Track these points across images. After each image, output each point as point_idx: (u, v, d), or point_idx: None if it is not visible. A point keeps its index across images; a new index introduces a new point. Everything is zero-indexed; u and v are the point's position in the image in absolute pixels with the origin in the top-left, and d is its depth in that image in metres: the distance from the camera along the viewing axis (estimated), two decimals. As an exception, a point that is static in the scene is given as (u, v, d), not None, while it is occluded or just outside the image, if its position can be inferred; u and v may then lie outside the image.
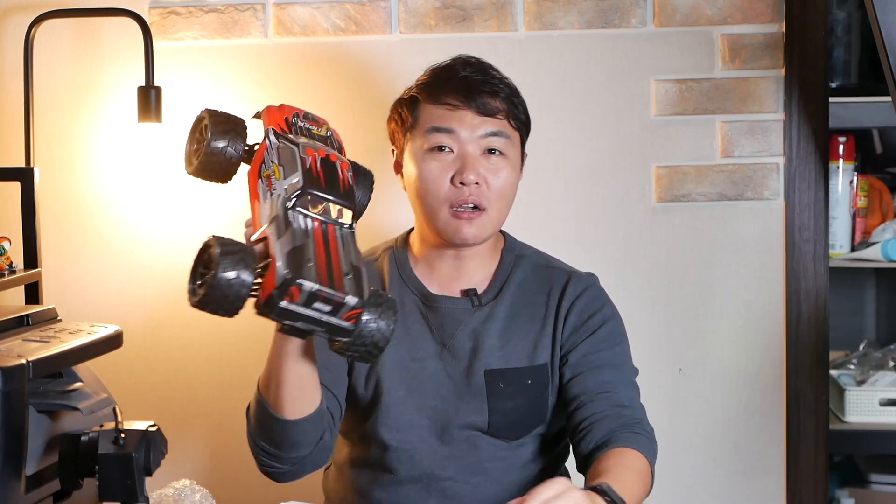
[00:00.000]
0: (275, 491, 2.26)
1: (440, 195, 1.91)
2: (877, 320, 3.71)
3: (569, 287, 1.99)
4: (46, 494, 1.65)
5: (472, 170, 1.90)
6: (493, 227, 1.94)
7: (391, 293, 1.97)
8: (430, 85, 1.95)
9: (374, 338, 1.58)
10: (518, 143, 1.97)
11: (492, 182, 1.91)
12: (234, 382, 2.59)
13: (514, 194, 1.97)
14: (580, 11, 2.53)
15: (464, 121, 1.91)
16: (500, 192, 1.93)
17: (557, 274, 2.01)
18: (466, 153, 1.91)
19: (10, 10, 2.57)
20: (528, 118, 1.99)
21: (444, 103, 1.92)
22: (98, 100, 2.57)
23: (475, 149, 1.91)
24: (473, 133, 1.91)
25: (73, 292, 2.57)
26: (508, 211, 1.98)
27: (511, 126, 1.94)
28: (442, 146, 1.91)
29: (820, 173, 2.53)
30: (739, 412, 2.55)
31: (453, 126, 1.91)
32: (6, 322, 1.77)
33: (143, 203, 2.57)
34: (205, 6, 2.56)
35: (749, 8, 2.51)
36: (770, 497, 2.55)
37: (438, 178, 1.91)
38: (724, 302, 2.55)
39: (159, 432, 1.67)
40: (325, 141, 1.67)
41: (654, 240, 2.55)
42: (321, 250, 1.53)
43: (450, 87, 1.93)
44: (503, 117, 1.93)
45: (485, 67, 1.97)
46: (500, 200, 1.93)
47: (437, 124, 1.92)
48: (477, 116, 1.91)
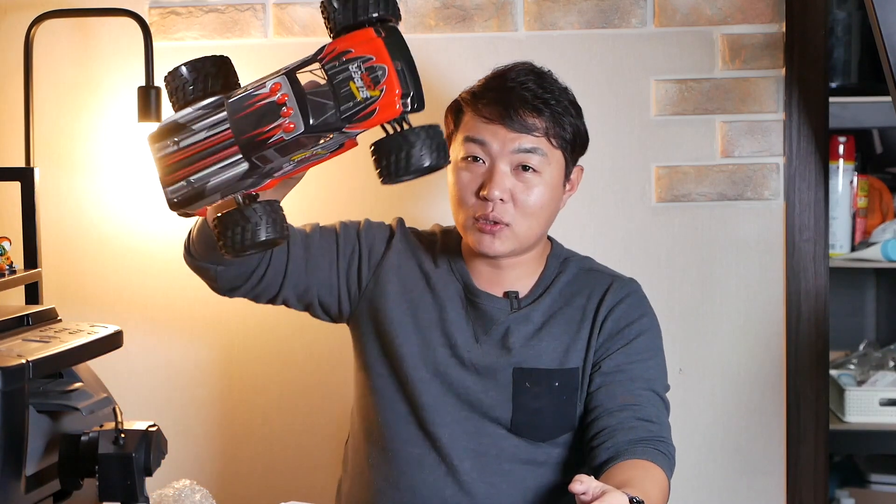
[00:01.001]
0: (275, 491, 2.26)
1: (466, 203, 1.92)
2: (877, 320, 3.71)
3: (609, 293, 1.98)
4: (46, 494, 1.65)
5: (497, 186, 1.89)
6: (520, 242, 1.94)
7: (438, 279, 2.00)
8: (476, 93, 1.95)
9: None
10: (559, 161, 1.94)
11: (521, 199, 1.91)
12: (234, 382, 2.59)
13: (549, 212, 1.95)
14: (580, 11, 2.53)
15: (497, 135, 1.90)
16: (530, 210, 1.91)
17: (599, 278, 2.01)
18: (496, 168, 1.90)
19: (10, 10, 2.57)
20: (577, 135, 1.96)
21: (482, 115, 1.91)
22: (98, 100, 2.57)
23: (506, 164, 1.90)
24: (505, 148, 1.90)
25: (73, 292, 2.57)
26: (545, 227, 1.97)
27: (551, 144, 1.92)
28: (476, 157, 1.91)
29: (820, 173, 2.53)
30: (739, 412, 2.55)
31: (486, 138, 1.91)
32: (6, 322, 1.77)
33: (144, 203, 2.57)
34: (205, 6, 2.56)
35: (749, 8, 2.51)
36: (770, 497, 2.55)
37: (466, 189, 1.92)
38: (724, 302, 2.55)
39: (159, 432, 1.67)
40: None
41: (654, 240, 2.55)
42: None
43: (491, 97, 1.92)
44: (540, 135, 1.91)
45: (541, 78, 1.94)
46: (528, 218, 1.92)
47: (471, 134, 1.92)
48: (511, 132, 1.90)
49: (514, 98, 1.90)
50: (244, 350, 2.58)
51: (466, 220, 1.93)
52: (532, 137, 1.90)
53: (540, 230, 1.96)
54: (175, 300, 2.59)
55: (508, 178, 1.90)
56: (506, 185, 1.89)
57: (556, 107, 1.92)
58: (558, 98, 1.93)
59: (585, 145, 2.01)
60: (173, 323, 2.59)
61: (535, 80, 1.93)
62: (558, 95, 1.94)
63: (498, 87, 1.93)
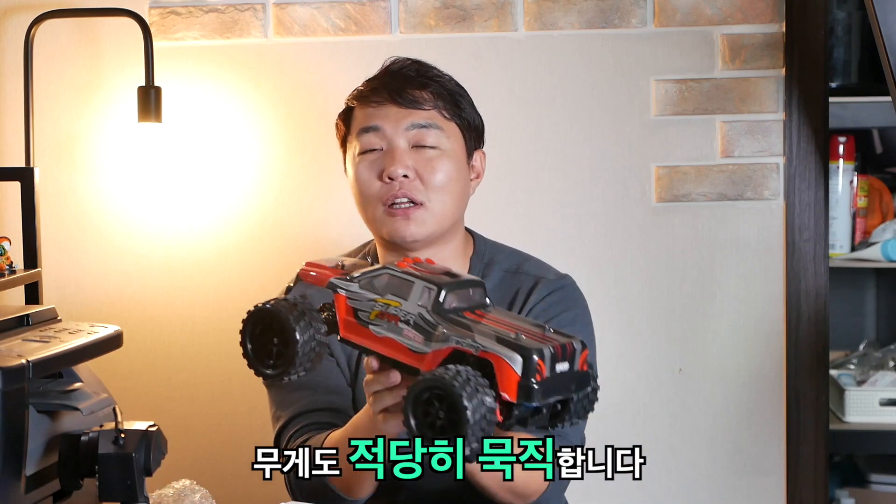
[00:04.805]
0: (275, 491, 2.25)
1: (372, 194, 1.86)
2: (877, 320, 3.71)
3: (534, 293, 1.92)
4: (46, 494, 1.65)
5: (397, 162, 1.84)
6: (436, 222, 1.87)
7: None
8: (361, 90, 1.92)
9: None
10: (457, 136, 1.91)
11: (426, 175, 1.85)
12: (234, 382, 2.59)
13: (459, 188, 1.90)
14: (580, 11, 2.53)
15: (388, 116, 1.87)
16: (439, 186, 1.86)
17: (524, 280, 1.94)
18: (394, 147, 1.86)
19: (10, 10, 2.57)
20: (470, 114, 1.93)
21: (371, 102, 1.88)
22: (98, 100, 2.57)
23: (403, 142, 1.86)
24: (398, 126, 1.86)
25: (73, 292, 2.57)
26: (459, 207, 1.91)
27: (444, 117, 1.89)
28: (373, 148, 1.87)
29: (820, 173, 2.53)
30: (739, 412, 2.55)
31: (378, 123, 1.87)
32: (6, 322, 1.77)
33: (143, 203, 2.57)
34: (205, 6, 2.56)
35: (749, 8, 2.51)
36: (770, 497, 2.55)
37: (369, 179, 1.86)
38: (724, 302, 2.55)
39: (159, 432, 1.67)
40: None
41: (654, 240, 2.55)
42: (502, 324, 1.46)
43: (376, 84, 1.90)
44: (431, 107, 1.88)
45: (421, 64, 1.93)
46: (440, 194, 1.86)
47: (364, 125, 1.88)
48: (402, 109, 1.86)
49: (399, 78, 1.89)
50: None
51: (375, 210, 1.87)
52: (423, 112, 1.87)
53: (455, 209, 1.90)
54: (175, 300, 2.59)
55: (409, 155, 1.86)
56: (407, 162, 1.85)
57: (441, 81, 1.91)
58: (441, 76, 1.92)
59: (481, 128, 1.96)
60: (173, 323, 2.59)
61: (416, 65, 1.92)
62: (440, 75, 1.93)
63: (381, 76, 1.91)
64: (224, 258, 2.58)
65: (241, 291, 2.57)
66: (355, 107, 1.92)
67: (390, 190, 1.85)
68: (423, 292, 1.48)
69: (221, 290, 2.59)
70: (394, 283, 1.51)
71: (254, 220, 2.58)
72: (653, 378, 2.55)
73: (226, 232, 2.58)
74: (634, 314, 2.55)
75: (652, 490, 2.54)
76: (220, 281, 2.59)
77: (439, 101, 1.89)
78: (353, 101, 1.92)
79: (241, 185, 2.58)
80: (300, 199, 2.58)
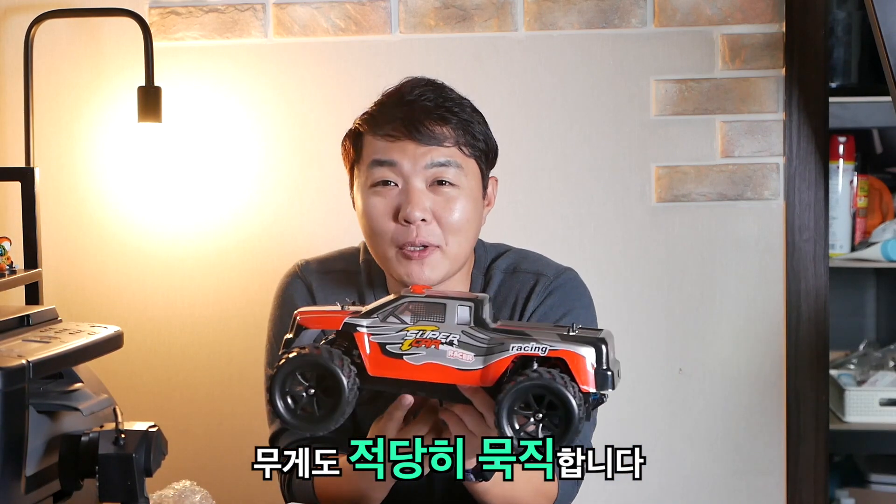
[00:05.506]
0: (275, 491, 2.25)
1: (386, 235, 1.78)
2: (877, 320, 3.71)
3: (533, 296, 1.89)
4: (46, 495, 1.65)
5: (416, 206, 1.76)
6: (451, 263, 1.80)
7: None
8: (373, 114, 1.82)
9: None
10: (475, 171, 1.82)
11: (444, 217, 1.77)
12: (234, 382, 2.59)
13: (475, 226, 1.83)
14: (580, 11, 2.53)
15: (406, 152, 1.77)
16: (456, 227, 1.78)
17: (524, 279, 1.90)
18: (411, 188, 1.76)
19: (10, 10, 2.57)
20: (488, 144, 1.84)
21: (386, 134, 1.78)
22: (98, 100, 2.57)
23: (421, 182, 1.77)
24: (416, 164, 1.77)
25: (73, 292, 2.57)
26: (473, 244, 1.85)
27: (464, 154, 1.79)
28: (386, 181, 1.78)
29: (820, 173, 2.53)
30: (739, 412, 2.55)
31: (395, 158, 1.77)
32: (6, 322, 1.77)
33: (144, 203, 2.57)
34: (205, 6, 2.56)
35: (749, 8, 2.51)
36: (770, 497, 2.55)
37: (383, 217, 1.78)
38: (724, 302, 2.55)
39: (159, 432, 1.67)
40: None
41: (654, 240, 2.55)
42: (533, 327, 1.50)
43: (391, 115, 1.79)
44: (451, 144, 1.78)
45: (439, 89, 1.82)
46: (457, 236, 1.79)
47: (378, 157, 1.78)
48: (420, 146, 1.76)
49: (417, 110, 1.78)
50: (244, 350, 2.57)
51: (388, 250, 1.79)
52: (443, 149, 1.77)
53: (469, 248, 1.84)
54: (175, 300, 2.59)
55: (427, 197, 1.77)
56: (425, 205, 1.76)
57: (461, 114, 1.80)
58: (461, 105, 1.81)
59: (496, 154, 1.87)
60: (173, 323, 2.59)
61: (433, 91, 1.81)
62: (460, 103, 1.82)
63: (396, 104, 1.80)
64: (224, 258, 2.58)
65: (241, 291, 2.57)
66: (365, 132, 1.82)
67: (407, 235, 1.77)
68: (460, 311, 1.49)
69: (221, 290, 2.59)
70: (421, 309, 1.51)
71: (253, 220, 2.58)
72: (653, 378, 2.55)
73: (226, 232, 2.58)
74: (634, 314, 2.55)
75: (652, 490, 2.55)
76: (220, 281, 2.59)
77: (459, 135, 1.79)
78: (364, 126, 1.82)
79: (241, 185, 2.58)
80: (300, 200, 2.58)
